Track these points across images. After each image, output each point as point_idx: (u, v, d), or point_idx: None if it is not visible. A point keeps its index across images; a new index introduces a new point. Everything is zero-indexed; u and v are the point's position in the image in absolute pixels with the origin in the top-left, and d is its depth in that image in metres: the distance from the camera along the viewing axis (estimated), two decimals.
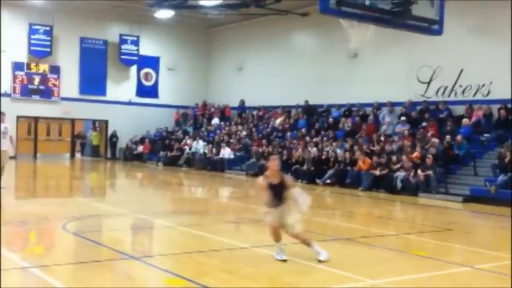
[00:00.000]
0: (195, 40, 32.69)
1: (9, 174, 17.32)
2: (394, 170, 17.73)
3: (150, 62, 31.69)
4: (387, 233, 10.87)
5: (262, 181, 7.50)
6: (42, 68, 28.61)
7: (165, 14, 28.00)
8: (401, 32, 16.07)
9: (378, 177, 18.01)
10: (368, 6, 12.38)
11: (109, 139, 30.99)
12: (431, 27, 13.82)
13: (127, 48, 30.66)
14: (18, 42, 27.87)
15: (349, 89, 23.95)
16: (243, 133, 26.61)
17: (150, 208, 13.12)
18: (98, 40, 30.09)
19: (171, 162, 27.20)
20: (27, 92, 28.26)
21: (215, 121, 29.85)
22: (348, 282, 6.67)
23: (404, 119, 20.59)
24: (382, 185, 17.85)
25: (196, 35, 32.53)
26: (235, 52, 30.94)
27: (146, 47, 31.17)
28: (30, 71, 28.38)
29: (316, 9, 12.63)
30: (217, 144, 26.14)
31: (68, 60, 29.26)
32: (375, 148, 19.57)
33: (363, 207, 15.51)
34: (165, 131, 30.62)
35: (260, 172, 16.34)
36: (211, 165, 25.19)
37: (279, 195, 7.39)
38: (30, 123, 30.69)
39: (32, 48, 28.27)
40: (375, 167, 18.26)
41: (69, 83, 29.20)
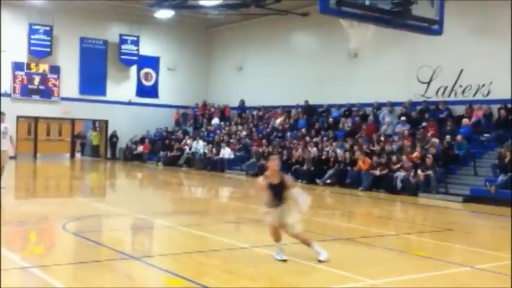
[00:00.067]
0: (195, 40, 32.69)
1: (9, 174, 17.31)
2: (394, 170, 17.73)
3: (150, 62, 31.69)
4: (387, 233, 10.87)
5: (262, 181, 7.50)
6: (42, 68, 28.61)
7: (165, 14, 28.01)
8: (401, 32, 16.08)
9: (378, 177, 18.01)
10: (368, 6, 12.39)
11: (109, 139, 30.99)
12: (431, 27, 13.83)
13: (127, 48, 30.66)
14: (18, 42, 27.87)
15: (349, 89, 23.95)
16: (243, 133, 26.60)
17: (150, 208, 13.12)
18: (98, 40, 30.09)
19: (171, 162, 27.19)
20: (27, 92, 28.26)
21: (215, 121, 29.84)
22: (348, 282, 6.67)
23: (404, 119, 20.59)
24: (382, 185, 17.85)
25: (196, 35, 32.53)
26: (235, 52, 30.94)
27: (146, 47, 31.17)
28: (30, 71, 28.38)
29: (316, 9, 12.65)
30: (217, 144, 26.14)
31: (68, 60, 29.26)
32: (375, 148, 19.57)
33: (363, 207, 15.51)
34: (165, 131, 30.62)
35: (260, 172, 16.33)
36: (211, 165, 25.19)
37: (279, 195, 7.39)
38: (30, 123, 30.70)
39: (32, 48, 28.27)
40: (375, 167, 18.26)
41: (69, 83, 29.20)
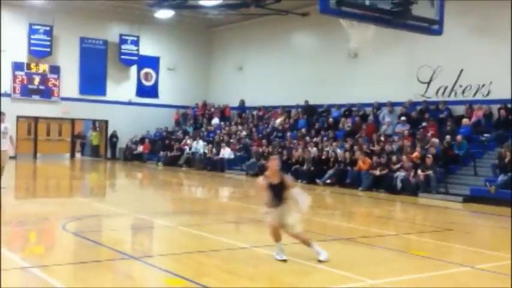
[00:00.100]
0: (195, 40, 32.70)
1: (9, 174, 17.31)
2: (394, 170, 17.72)
3: (150, 62, 31.69)
4: (387, 233, 10.87)
5: (262, 181, 7.50)
6: (42, 68, 28.61)
7: (165, 14, 28.00)
8: (401, 32, 16.09)
9: (378, 177, 18.01)
10: (368, 6, 12.38)
11: (109, 139, 30.99)
12: (431, 27, 13.83)
13: (127, 48, 30.66)
14: (18, 42, 27.87)
15: (349, 89, 23.95)
16: (243, 133, 26.61)
17: (150, 208, 13.12)
18: (98, 40, 30.09)
19: (171, 162, 27.19)
20: (27, 92, 28.26)
21: (215, 121, 29.84)
22: (348, 282, 6.67)
23: (404, 119, 20.59)
24: (382, 185, 17.85)
25: (196, 35, 32.53)
26: (235, 52, 30.94)
27: (146, 47, 31.17)
28: (30, 71, 28.38)
29: (316, 9, 12.64)
30: (217, 144, 26.14)
31: (68, 60, 29.26)
32: (375, 148, 19.57)
33: (363, 207, 15.51)
34: (165, 131, 30.61)
35: (260, 172, 16.33)
36: (211, 165, 25.18)
37: (279, 195, 7.39)
38: (30, 123, 30.70)
39: (32, 48, 28.27)
40: (375, 167, 18.25)
41: (69, 83, 29.20)
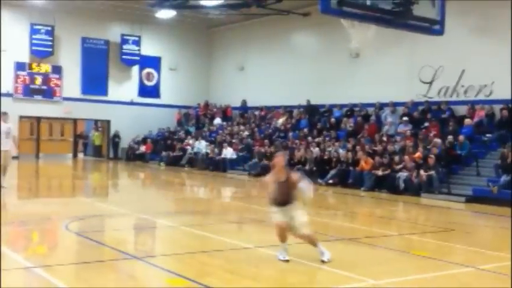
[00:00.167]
0: (197, 40, 32.72)
1: (12, 174, 17.32)
2: (397, 170, 17.71)
3: (152, 62, 31.72)
4: (389, 233, 10.87)
5: (268, 177, 7.45)
6: (44, 68, 28.65)
7: (166, 14, 28.05)
8: (402, 32, 16.07)
9: (380, 177, 18.00)
10: (369, 6, 12.36)
11: (111, 139, 31.02)
12: (432, 27, 13.80)
13: (128, 48, 30.69)
14: (20, 42, 27.90)
15: (350, 89, 23.94)
16: (245, 133, 26.61)
17: (153, 208, 13.14)
18: (99, 40, 30.11)
19: (173, 162, 27.20)
20: (29, 92, 28.29)
21: (217, 121, 29.86)
22: (351, 283, 6.67)
23: (406, 119, 20.58)
24: (384, 185, 17.83)
25: (197, 35, 32.55)
26: (236, 52, 30.95)
27: (148, 47, 31.20)
28: (32, 71, 28.41)
29: (317, 9, 12.62)
30: (219, 144, 26.15)
31: (70, 60, 29.30)
32: (377, 148, 19.56)
33: (365, 208, 15.51)
34: (167, 131, 30.62)
35: (262, 172, 16.34)
36: (213, 165, 25.19)
37: (286, 193, 7.31)
38: (33, 123, 30.73)
39: (34, 48, 28.30)
40: (377, 167, 18.25)
41: (71, 83, 29.23)
